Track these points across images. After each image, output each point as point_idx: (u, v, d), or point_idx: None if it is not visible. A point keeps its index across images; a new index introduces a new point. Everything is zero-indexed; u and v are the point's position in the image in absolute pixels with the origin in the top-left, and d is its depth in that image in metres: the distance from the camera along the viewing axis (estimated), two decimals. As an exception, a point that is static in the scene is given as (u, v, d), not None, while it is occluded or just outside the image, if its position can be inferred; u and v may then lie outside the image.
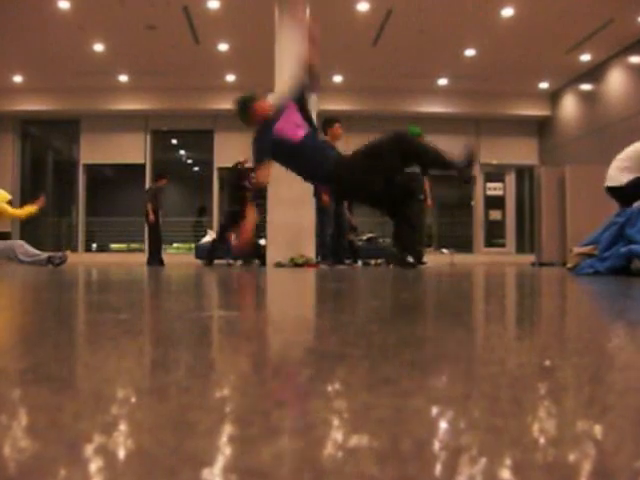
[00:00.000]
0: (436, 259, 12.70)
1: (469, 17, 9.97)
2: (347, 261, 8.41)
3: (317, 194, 7.55)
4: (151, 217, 9.58)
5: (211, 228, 12.88)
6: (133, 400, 0.52)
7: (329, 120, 7.57)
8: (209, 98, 13.37)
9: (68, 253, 7.04)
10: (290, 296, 2.23)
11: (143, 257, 11.39)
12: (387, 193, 4.19)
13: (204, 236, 12.13)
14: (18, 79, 12.64)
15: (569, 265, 4.64)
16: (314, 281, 3.47)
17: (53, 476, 0.34)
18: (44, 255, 6.45)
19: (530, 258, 11.32)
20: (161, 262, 9.52)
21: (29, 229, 13.27)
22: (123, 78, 12.87)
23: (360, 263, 9.54)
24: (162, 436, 0.41)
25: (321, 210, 7.74)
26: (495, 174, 14.71)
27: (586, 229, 6.36)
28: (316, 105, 8.90)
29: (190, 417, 0.45)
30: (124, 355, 0.78)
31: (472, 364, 0.72)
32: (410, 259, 5.58)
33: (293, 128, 4.39)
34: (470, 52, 11.53)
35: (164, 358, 0.76)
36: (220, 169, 13.97)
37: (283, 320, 1.26)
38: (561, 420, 0.46)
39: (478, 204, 14.63)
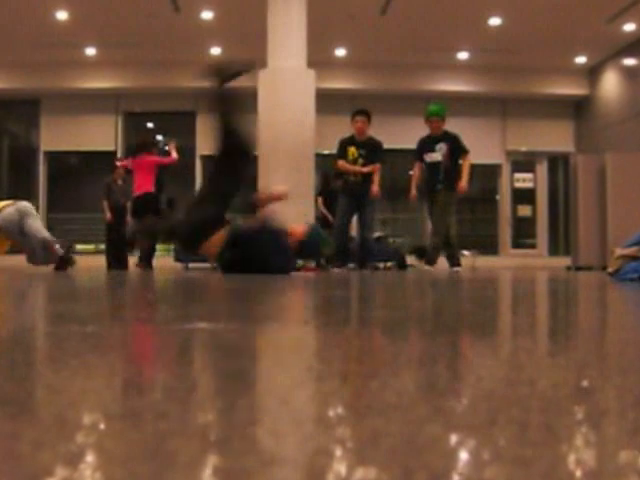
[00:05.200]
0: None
1: (494, -20, 9.99)
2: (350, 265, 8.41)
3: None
4: (107, 215, 9.62)
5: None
6: (102, 426, 0.52)
7: (352, 114, 8.14)
8: (190, 74, 13.36)
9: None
10: (285, 305, 2.23)
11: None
12: None
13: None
14: (-32, 53, 12.65)
15: (610, 269, 4.64)
16: (313, 287, 3.47)
17: (9, 515, 0.34)
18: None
19: (565, 261, 11.32)
20: (125, 265, 9.52)
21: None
22: (90, 51, 12.86)
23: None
24: (136, 468, 0.41)
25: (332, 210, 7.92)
26: (524, 163, 14.71)
27: (630, 227, 6.36)
28: (315, 83, 8.92)
29: (169, 446, 0.45)
30: (92, 374, 0.78)
31: (497, 385, 0.72)
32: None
33: None
34: (495, 21, 11.54)
35: (138, 378, 0.76)
36: (204, 157, 13.97)
37: (276, 333, 1.26)
38: (601, 450, 0.46)
39: (504, 198, 14.63)
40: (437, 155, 7.80)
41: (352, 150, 7.87)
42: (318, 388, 0.70)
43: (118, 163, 9.89)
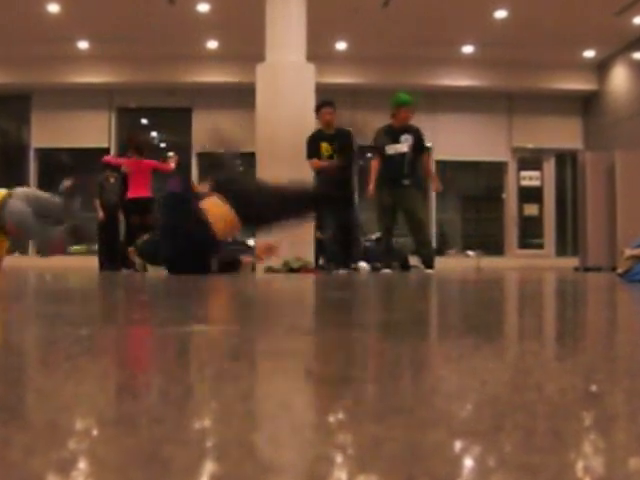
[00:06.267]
0: (460, 263, 12.70)
1: (499, -28, 9.98)
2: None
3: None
4: (100, 215, 9.68)
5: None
6: (95, 432, 0.52)
7: (316, 106, 7.85)
8: (186, 69, 13.37)
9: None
10: (284, 307, 2.23)
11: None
12: None
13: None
14: (-44, 47, 12.65)
15: (620, 270, 4.65)
16: (313, 289, 3.48)
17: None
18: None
19: (573, 262, 11.32)
20: (118, 266, 9.53)
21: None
22: (83, 45, 12.86)
23: (367, 267, 9.53)
24: (130, 475, 0.41)
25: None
26: (531, 160, 14.71)
27: (640, 227, 6.34)
28: (315, 77, 8.92)
29: (164, 452, 0.45)
30: (84, 378, 0.78)
31: (503, 389, 0.72)
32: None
33: None
34: (501, 13, 11.53)
35: (132, 382, 0.76)
36: (200, 155, 13.96)
37: (275, 336, 1.26)
38: (610, 456, 0.46)
39: (510, 197, 14.64)
40: (402, 146, 7.46)
41: (325, 146, 7.64)
42: (318, 393, 0.70)
43: (107, 159, 9.96)
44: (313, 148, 7.66)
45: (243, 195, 5.76)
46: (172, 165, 9.32)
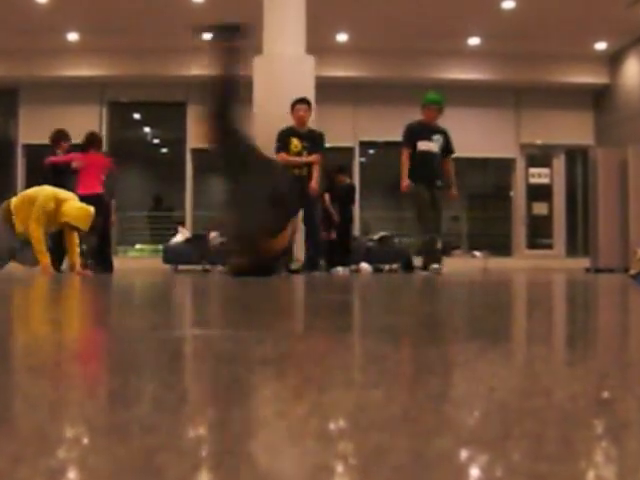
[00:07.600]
0: (466, 264, 12.70)
1: (507, -40, 9.98)
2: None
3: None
4: None
5: (182, 224, 12.92)
6: (85, 440, 0.52)
7: (292, 103, 7.86)
8: (181, 62, 13.37)
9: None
10: (282, 310, 2.23)
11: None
12: None
13: (174, 235, 12.17)
14: (-60, 38, 12.64)
15: (632, 271, 4.65)
16: (311, 291, 3.48)
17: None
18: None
19: (584, 262, 11.33)
20: (110, 268, 9.53)
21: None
22: (73, 37, 12.86)
23: (369, 268, 9.55)
24: (122, 486, 0.41)
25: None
26: (540, 157, 14.71)
27: (654, 226, 6.35)
28: (315, 70, 8.92)
29: (157, 461, 0.45)
30: (73, 385, 0.78)
31: (511, 395, 0.72)
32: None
33: None
34: (509, 4, 11.54)
35: (124, 388, 0.76)
36: (194, 150, 13.96)
37: (274, 340, 1.26)
38: (622, 465, 0.46)
39: (518, 195, 14.64)
40: (434, 146, 7.63)
41: (295, 142, 7.69)
42: (318, 399, 0.70)
43: (52, 160, 10.00)
44: (282, 142, 7.72)
45: None
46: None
